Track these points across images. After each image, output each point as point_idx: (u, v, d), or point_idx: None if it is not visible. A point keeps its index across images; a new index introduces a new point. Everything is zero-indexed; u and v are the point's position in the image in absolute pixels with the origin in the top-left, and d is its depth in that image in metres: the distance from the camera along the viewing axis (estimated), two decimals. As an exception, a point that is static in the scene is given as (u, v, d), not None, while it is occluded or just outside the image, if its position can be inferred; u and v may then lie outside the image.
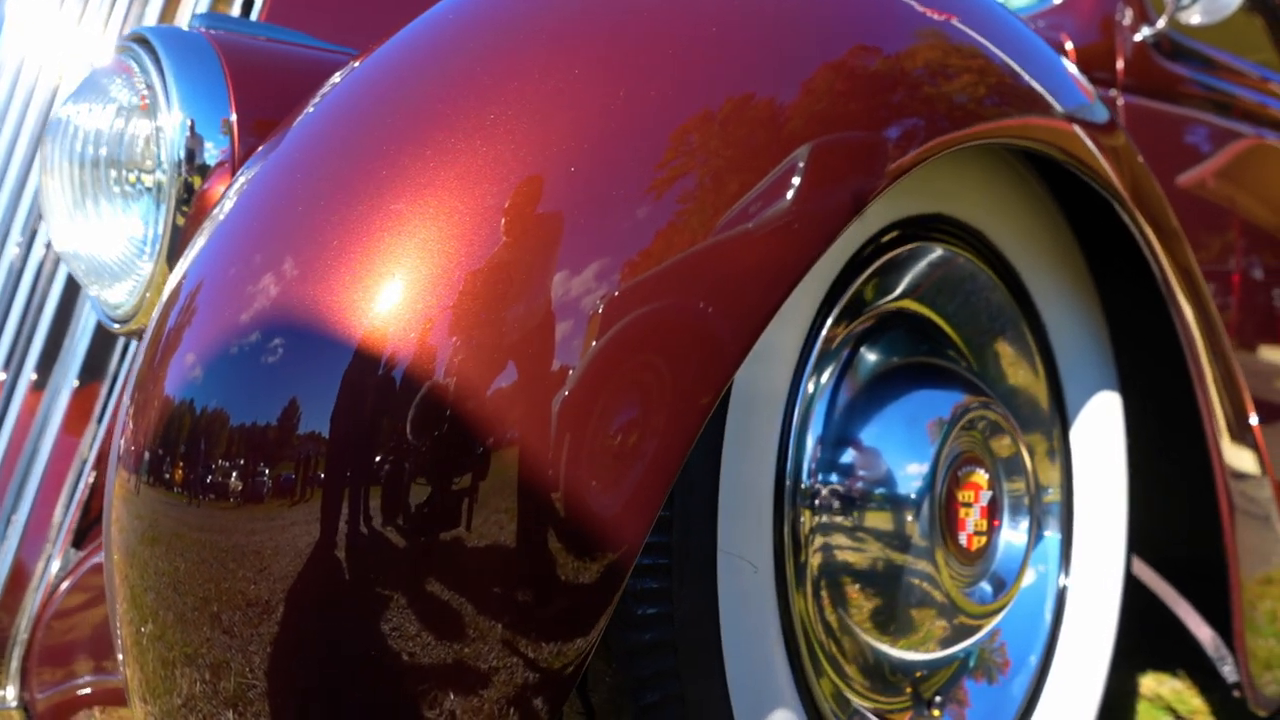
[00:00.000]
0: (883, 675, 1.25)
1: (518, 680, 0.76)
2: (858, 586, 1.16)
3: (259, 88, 1.04)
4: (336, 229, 0.78)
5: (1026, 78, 1.16)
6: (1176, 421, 1.46)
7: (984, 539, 1.25)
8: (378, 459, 0.75)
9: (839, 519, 1.14)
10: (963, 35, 1.11)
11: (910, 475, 1.16)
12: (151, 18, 1.45)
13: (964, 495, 1.22)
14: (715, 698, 0.92)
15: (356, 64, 0.89)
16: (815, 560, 1.13)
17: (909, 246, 1.20)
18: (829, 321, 1.11)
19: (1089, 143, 1.22)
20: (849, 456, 1.15)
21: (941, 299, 1.29)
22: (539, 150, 0.80)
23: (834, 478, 1.14)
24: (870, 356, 1.21)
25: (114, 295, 1.06)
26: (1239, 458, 1.51)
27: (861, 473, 1.15)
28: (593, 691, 0.90)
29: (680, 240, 0.81)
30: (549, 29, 0.86)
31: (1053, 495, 1.42)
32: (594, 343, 0.77)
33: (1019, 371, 1.41)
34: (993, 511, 1.26)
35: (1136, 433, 1.56)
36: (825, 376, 1.16)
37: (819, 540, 1.13)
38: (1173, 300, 1.35)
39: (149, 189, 1.00)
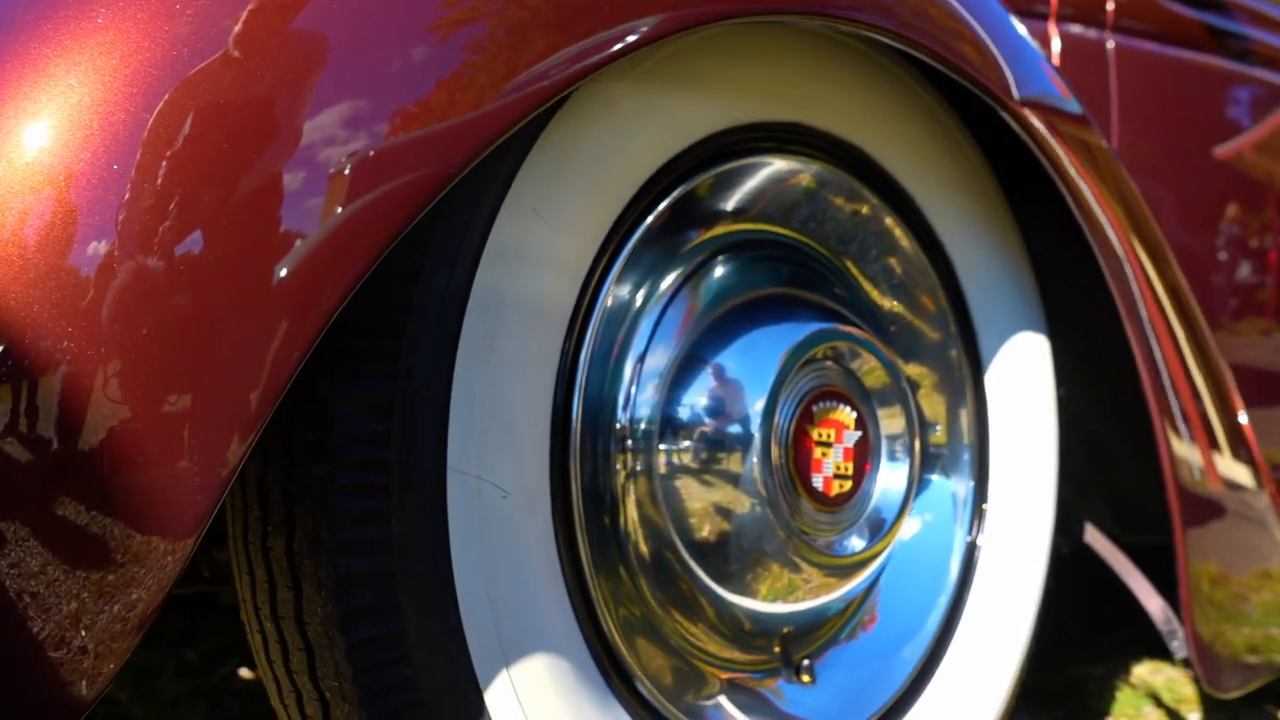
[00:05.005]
0: (739, 633, 1.13)
1: (127, 606, 0.67)
2: (693, 532, 1.05)
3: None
4: None
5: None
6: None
7: (849, 483, 1.12)
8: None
9: (662, 454, 1.03)
10: None
11: (746, 411, 1.05)
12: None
13: (820, 434, 1.10)
14: (444, 635, 0.81)
15: None
16: (633, 499, 1.02)
17: (747, 160, 1.08)
18: (637, 234, 1.00)
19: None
20: (674, 383, 1.04)
21: (800, 218, 1.16)
22: None
23: (657, 407, 1.03)
24: (711, 276, 1.09)
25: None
26: (1234, 469, 1.42)
27: (689, 403, 1.04)
28: (308, 624, 0.81)
29: (466, 98, 0.71)
30: None
31: (940, 435, 1.28)
32: (339, 209, 0.68)
33: (909, 302, 1.27)
34: (863, 454, 1.13)
35: (1094, 397, 1.43)
36: (662, 288, 1.05)
37: (640, 481, 1.02)
38: (1141, 328, 1.22)
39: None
